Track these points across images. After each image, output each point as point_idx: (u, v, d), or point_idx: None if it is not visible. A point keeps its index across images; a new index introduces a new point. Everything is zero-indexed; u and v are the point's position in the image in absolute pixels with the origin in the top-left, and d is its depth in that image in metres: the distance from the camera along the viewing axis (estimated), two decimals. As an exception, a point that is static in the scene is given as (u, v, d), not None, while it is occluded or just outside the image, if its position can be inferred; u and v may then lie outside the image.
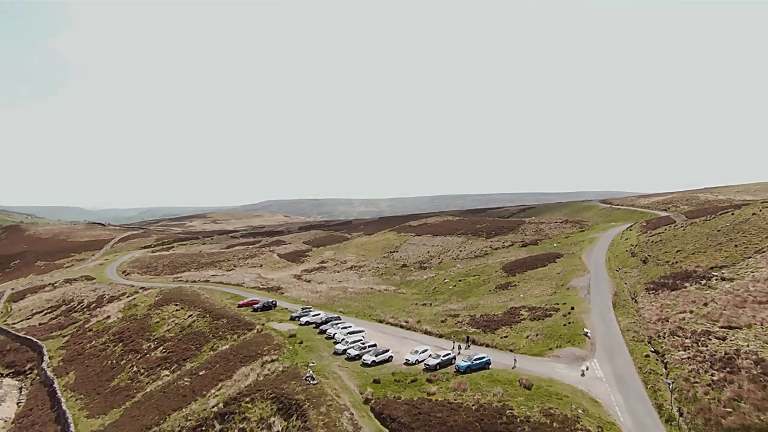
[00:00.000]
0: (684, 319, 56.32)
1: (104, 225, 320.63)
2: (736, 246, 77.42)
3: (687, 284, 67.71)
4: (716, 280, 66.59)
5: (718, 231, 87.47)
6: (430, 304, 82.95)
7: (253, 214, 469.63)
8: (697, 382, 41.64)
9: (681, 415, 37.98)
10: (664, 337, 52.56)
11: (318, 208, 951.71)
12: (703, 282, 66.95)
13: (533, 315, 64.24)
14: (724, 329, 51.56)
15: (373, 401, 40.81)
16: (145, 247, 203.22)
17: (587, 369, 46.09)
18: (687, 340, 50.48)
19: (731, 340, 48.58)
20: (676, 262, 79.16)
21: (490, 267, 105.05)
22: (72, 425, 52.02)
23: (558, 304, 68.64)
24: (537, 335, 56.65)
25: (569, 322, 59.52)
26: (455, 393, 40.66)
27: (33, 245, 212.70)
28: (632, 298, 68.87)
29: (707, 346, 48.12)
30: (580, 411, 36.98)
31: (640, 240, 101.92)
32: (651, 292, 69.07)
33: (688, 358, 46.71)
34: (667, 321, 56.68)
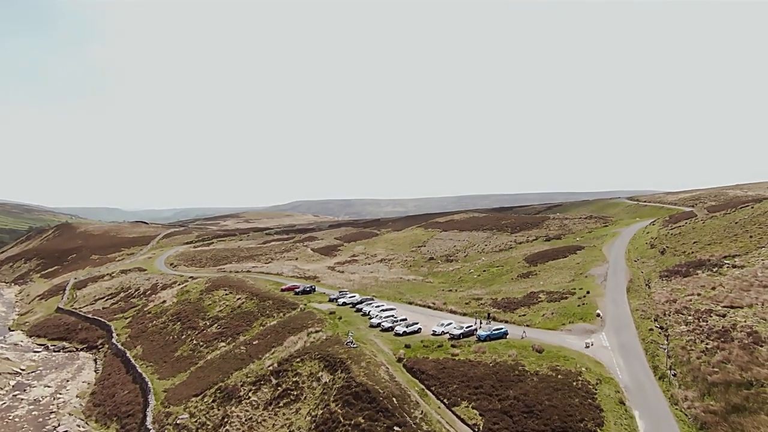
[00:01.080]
0: (691, 300, 60.99)
1: (147, 223, 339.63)
2: (751, 237, 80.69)
3: (699, 271, 71.84)
4: (727, 267, 70.54)
5: (736, 223, 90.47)
6: (456, 290, 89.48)
7: (284, 214, 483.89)
8: (692, 350, 46.94)
9: (674, 375, 43.52)
10: (670, 315, 57.58)
11: (346, 208, 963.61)
12: (715, 269, 70.97)
13: (550, 298, 70.01)
14: (726, 308, 56.13)
15: (405, 360, 48.07)
16: (187, 243, 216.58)
17: (592, 343, 50.93)
18: (690, 317, 55.44)
19: (730, 317, 53.24)
20: (692, 252, 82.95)
21: (513, 259, 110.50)
22: (149, 383, 61.34)
23: (575, 289, 73.92)
24: (552, 314, 62.55)
25: (583, 303, 65.11)
26: (475, 354, 47.42)
27: (87, 241, 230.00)
28: (646, 284, 73.48)
29: (707, 322, 53.02)
30: (583, 368, 43.09)
31: (660, 233, 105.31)
32: (664, 278, 73.52)
33: (688, 331, 51.82)
34: (675, 302, 61.48)
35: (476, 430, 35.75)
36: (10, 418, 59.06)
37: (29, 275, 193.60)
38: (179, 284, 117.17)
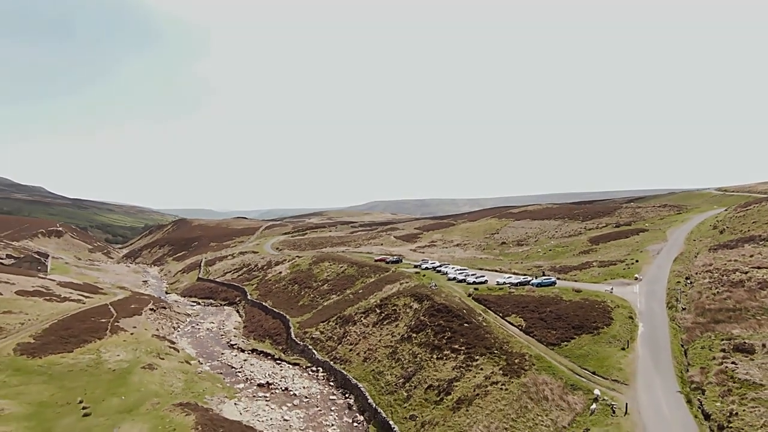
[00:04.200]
0: (725, 264, 71.05)
1: (247, 218, 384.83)
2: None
3: (746, 245, 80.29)
4: (774, 241, 78.34)
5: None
6: (521, 263, 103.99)
7: (362, 213, 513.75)
8: (705, 293, 58.83)
9: (684, 309, 56.11)
10: (700, 273, 68.51)
11: (422, 208, 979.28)
12: (761, 242, 79.14)
13: (601, 264, 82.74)
14: (752, 269, 66.07)
15: (473, 295, 65.43)
16: (285, 234, 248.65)
17: (612, 289, 63.23)
18: (716, 274, 66.27)
19: (750, 274, 63.45)
20: (748, 231, 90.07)
21: (579, 240, 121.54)
22: (287, 316, 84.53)
23: (626, 259, 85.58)
24: (599, 274, 75.83)
25: (628, 267, 77.46)
26: (527, 292, 63.42)
27: (204, 231, 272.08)
28: (694, 256, 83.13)
29: (728, 277, 63.77)
30: (608, 300, 57.42)
31: (726, 217, 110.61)
32: (712, 251, 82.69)
33: (709, 282, 63.14)
34: (710, 266, 71.87)
35: (520, 328, 52.32)
36: (197, 336, 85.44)
37: (164, 258, 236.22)
38: (289, 261, 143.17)
